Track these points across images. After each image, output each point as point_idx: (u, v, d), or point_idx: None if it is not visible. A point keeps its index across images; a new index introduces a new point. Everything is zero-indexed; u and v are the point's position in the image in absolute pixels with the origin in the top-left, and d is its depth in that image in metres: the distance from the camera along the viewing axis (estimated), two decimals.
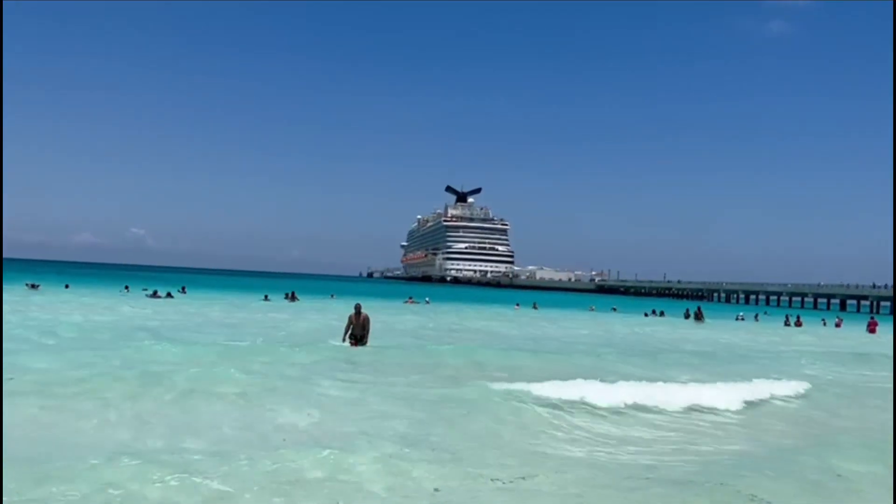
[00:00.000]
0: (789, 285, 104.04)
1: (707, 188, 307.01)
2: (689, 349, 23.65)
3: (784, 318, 47.86)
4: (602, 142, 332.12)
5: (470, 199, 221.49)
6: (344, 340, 17.64)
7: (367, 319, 17.97)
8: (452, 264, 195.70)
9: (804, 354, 22.72)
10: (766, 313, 61.45)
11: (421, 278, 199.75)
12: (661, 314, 48.40)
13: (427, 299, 51.98)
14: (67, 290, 45.91)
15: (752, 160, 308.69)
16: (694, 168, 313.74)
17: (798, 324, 45.01)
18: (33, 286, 43.71)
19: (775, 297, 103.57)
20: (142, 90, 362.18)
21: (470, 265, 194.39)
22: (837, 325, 46.00)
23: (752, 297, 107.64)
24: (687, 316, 47.24)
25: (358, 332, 17.75)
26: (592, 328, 34.40)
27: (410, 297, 53.27)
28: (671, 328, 37.58)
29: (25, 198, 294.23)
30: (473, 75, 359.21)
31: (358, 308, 17.98)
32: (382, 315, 29.35)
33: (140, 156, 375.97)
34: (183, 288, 48.31)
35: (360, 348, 17.22)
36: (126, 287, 48.82)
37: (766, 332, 37.39)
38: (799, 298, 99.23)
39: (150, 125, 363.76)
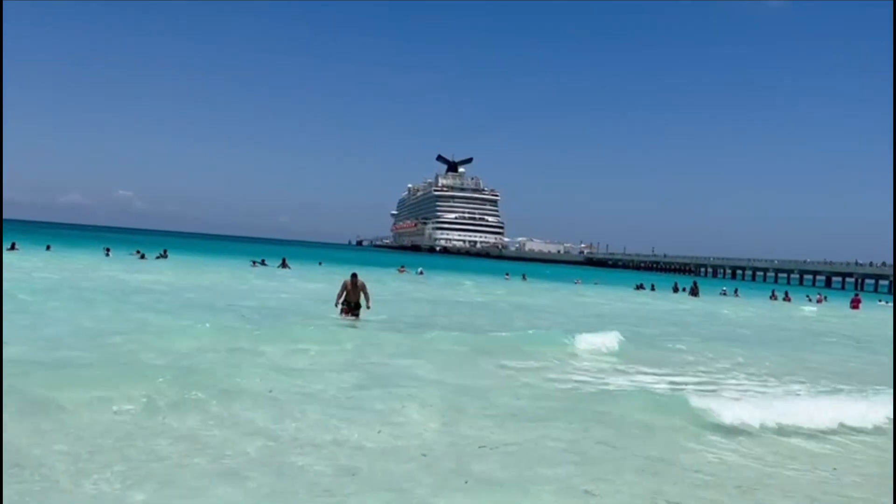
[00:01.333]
0: (776, 261, 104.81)
1: (699, 163, 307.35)
2: (746, 334, 22.00)
3: (770, 293, 48.45)
4: (595, 115, 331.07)
5: (461, 169, 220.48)
6: (337, 305, 17.24)
7: (363, 287, 17.41)
8: (442, 234, 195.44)
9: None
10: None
11: (410, 247, 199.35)
12: (652, 288, 48.58)
13: (420, 269, 51.93)
14: (49, 251, 44.91)
15: (745, 136, 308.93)
16: (686, 142, 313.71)
17: (787, 299, 45.52)
18: (12, 247, 41.54)
19: (761, 273, 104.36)
20: (135, 52, 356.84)
21: (460, 235, 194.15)
22: (819, 301, 46.55)
23: (739, 272, 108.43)
24: (675, 290, 47.53)
25: (353, 299, 17.24)
26: (612, 302, 34.16)
27: (402, 267, 53.25)
28: (699, 304, 37.13)
29: (11, 155, 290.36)
30: (468, 46, 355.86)
31: (354, 276, 17.52)
32: (380, 287, 28.87)
33: (130, 117, 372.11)
34: (164, 251, 46.86)
35: (366, 323, 16.49)
36: (107, 250, 46.72)
37: (829, 311, 37.13)
38: (785, 274, 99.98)
39: (140, 86, 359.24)
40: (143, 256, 44.07)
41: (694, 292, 45.14)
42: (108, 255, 44.53)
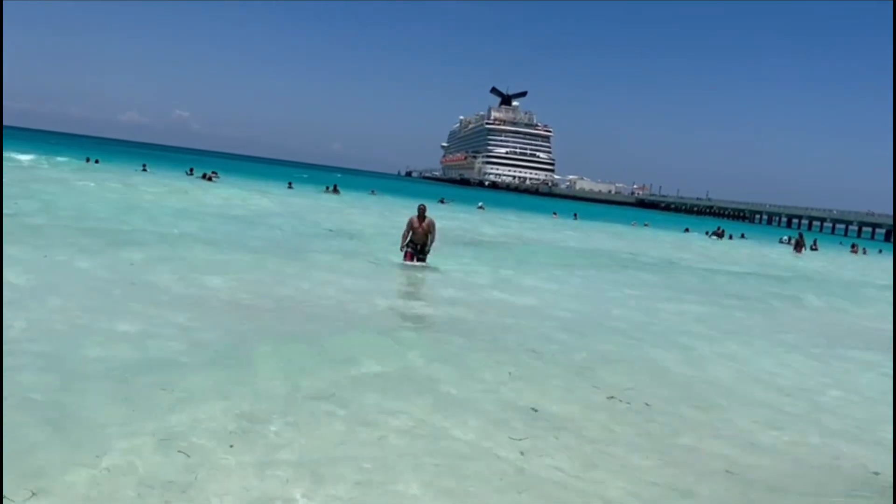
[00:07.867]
0: (835, 211, 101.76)
1: (762, 107, 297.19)
2: None
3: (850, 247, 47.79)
4: (651, 51, 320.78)
5: (515, 103, 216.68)
6: (402, 249, 14.56)
7: (431, 225, 14.56)
8: (492, 168, 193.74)
9: None
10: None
11: (459, 181, 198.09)
12: (724, 233, 46.87)
13: (480, 204, 51.48)
14: (97, 164, 46.89)
15: (812, 79, 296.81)
16: (746, 85, 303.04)
17: (853, 251, 45.24)
18: (96, 161, 47.56)
19: (818, 223, 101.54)
20: None
21: (510, 171, 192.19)
22: (853, 251, 45.44)
23: (795, 220, 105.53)
24: (720, 235, 45.88)
25: (419, 239, 14.52)
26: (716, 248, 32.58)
27: (442, 199, 52.72)
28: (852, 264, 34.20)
29: (72, 71, 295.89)
30: None
31: (422, 211, 14.61)
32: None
33: (190, 37, 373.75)
34: (213, 173, 45.97)
35: (425, 268, 14.42)
36: (144, 166, 47.24)
37: None
38: (843, 226, 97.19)
39: (200, 6, 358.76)
40: (204, 175, 44.45)
41: (798, 247, 37.33)
42: (144, 170, 45.05)
